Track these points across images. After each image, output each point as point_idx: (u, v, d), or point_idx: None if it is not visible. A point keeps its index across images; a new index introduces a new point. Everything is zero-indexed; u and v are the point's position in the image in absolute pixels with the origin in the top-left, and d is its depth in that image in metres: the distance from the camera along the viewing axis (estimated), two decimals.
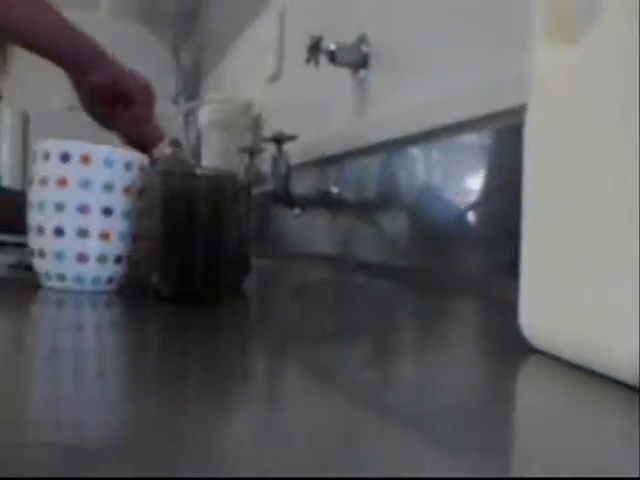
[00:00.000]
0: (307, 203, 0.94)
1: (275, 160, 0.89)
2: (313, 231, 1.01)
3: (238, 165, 1.34)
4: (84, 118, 2.07)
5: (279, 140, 0.88)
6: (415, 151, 0.75)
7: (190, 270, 0.45)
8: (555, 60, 0.27)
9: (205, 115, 1.41)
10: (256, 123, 1.39)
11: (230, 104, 1.39)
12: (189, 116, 1.74)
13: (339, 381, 0.25)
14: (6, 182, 1.75)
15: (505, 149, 0.61)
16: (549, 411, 0.22)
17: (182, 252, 0.45)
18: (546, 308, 0.27)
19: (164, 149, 0.68)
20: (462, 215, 0.66)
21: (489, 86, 0.64)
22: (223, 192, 0.46)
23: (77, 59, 0.59)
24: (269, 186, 0.90)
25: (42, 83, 0.87)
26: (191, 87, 2.32)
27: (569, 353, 0.26)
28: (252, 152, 1.06)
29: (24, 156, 2.22)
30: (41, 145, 0.44)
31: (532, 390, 0.25)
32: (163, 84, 2.28)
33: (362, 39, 0.85)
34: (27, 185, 0.46)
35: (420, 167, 0.74)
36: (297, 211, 1.03)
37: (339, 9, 1.01)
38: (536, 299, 0.28)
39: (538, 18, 0.28)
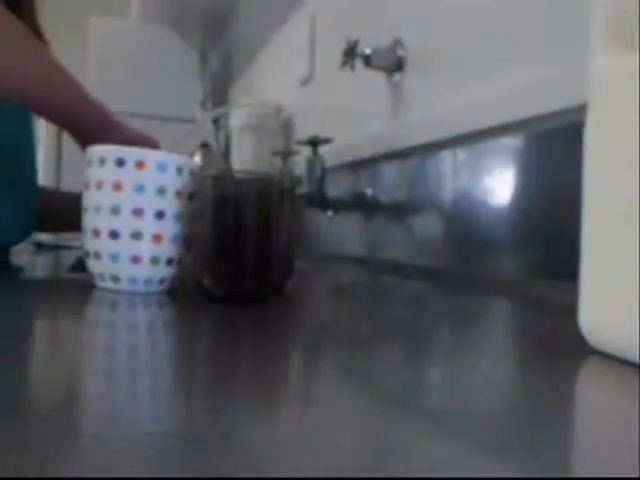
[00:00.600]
0: (341, 205, 0.95)
1: (310, 163, 0.90)
2: (346, 233, 1.02)
3: (268, 168, 1.35)
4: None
5: (315, 143, 0.89)
6: (449, 154, 0.75)
7: (240, 272, 0.46)
8: (615, 64, 0.27)
9: (236, 119, 1.42)
10: (287, 126, 1.40)
11: (261, 108, 1.40)
12: (219, 120, 1.76)
13: (390, 382, 0.26)
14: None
15: (538, 153, 0.61)
16: (610, 411, 0.22)
17: (232, 254, 0.46)
18: (607, 309, 0.27)
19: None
20: (495, 217, 0.66)
21: (524, 90, 0.64)
22: (272, 195, 0.47)
23: (87, 127, 0.62)
24: (303, 189, 0.91)
25: None
26: (219, 91, 2.35)
27: (630, 354, 0.26)
28: (285, 155, 1.07)
29: (57, 159, 2.27)
30: (97, 150, 0.46)
31: (593, 390, 0.26)
32: (191, 88, 2.31)
33: (397, 43, 0.85)
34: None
35: (454, 170, 0.74)
36: (330, 213, 1.04)
37: (371, 12, 1.01)
38: (597, 300, 0.28)
39: (598, 23, 0.28)
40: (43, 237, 1.24)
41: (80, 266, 0.72)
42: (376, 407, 0.22)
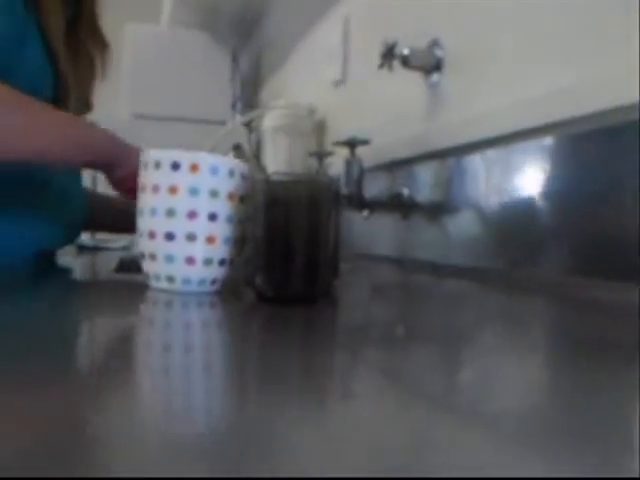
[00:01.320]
0: (377, 205, 0.95)
1: (348, 164, 0.90)
2: (381, 233, 1.02)
3: (301, 169, 1.36)
4: (148, 126, 2.11)
5: (353, 144, 0.89)
6: (487, 155, 0.75)
7: (291, 272, 0.47)
8: None
9: (269, 120, 1.44)
10: (320, 128, 1.41)
11: (294, 109, 1.42)
12: (251, 122, 1.78)
13: (438, 381, 0.26)
14: None
15: (577, 153, 0.60)
16: None
17: (283, 256, 0.47)
18: None
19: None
20: (532, 217, 0.66)
21: (563, 92, 0.64)
22: (321, 198, 0.48)
23: (105, 163, 0.68)
24: (341, 189, 0.92)
25: (108, 93, 0.92)
26: (249, 93, 2.37)
27: None
28: (321, 156, 1.08)
29: None
30: (152, 154, 0.47)
31: None
32: (222, 90, 2.34)
33: (435, 43, 0.85)
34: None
35: (492, 170, 0.74)
36: (365, 213, 1.04)
37: (406, 13, 1.01)
38: None
39: None
40: (83, 239, 1.27)
41: (126, 267, 0.75)
42: (426, 407, 0.22)
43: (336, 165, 1.11)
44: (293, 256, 0.46)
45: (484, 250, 0.75)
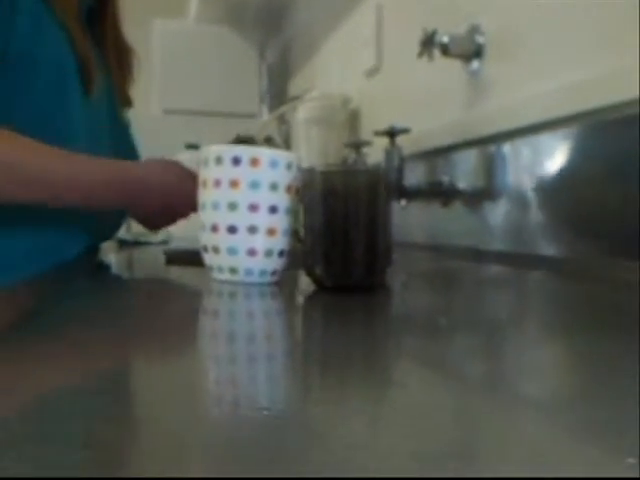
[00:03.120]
0: (417, 194, 0.96)
1: (388, 153, 0.91)
2: (419, 221, 1.03)
3: (336, 159, 1.37)
4: (178, 121, 2.13)
5: (392, 133, 0.90)
6: (528, 142, 0.74)
7: (350, 262, 0.48)
8: None
9: (302, 112, 1.44)
10: (354, 118, 1.41)
11: (327, 100, 1.42)
12: (282, 114, 1.79)
13: (500, 367, 0.27)
14: None
15: (621, 139, 0.60)
16: None
17: (342, 246, 0.48)
18: None
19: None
20: (573, 203, 0.65)
21: (606, 78, 0.63)
22: (379, 187, 0.49)
23: (127, 201, 0.71)
24: None
25: (140, 88, 0.94)
26: (278, 85, 2.38)
27: None
28: (358, 146, 1.08)
29: None
30: (213, 150, 0.49)
31: None
32: (250, 83, 2.35)
33: (475, 29, 0.85)
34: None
35: (533, 157, 0.74)
36: (403, 202, 1.04)
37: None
38: None
39: None
40: (122, 234, 1.30)
41: (176, 260, 0.76)
42: (485, 395, 0.23)
43: (372, 155, 1.11)
44: (353, 246, 0.47)
45: (528, 236, 0.75)
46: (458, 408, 0.21)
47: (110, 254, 0.93)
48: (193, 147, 1.89)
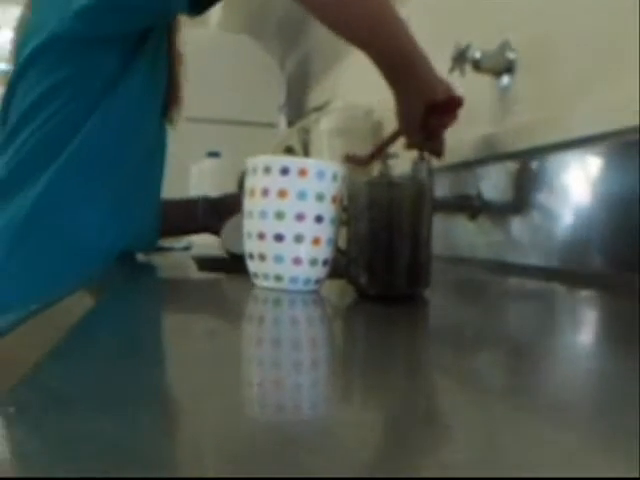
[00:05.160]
0: (445, 206, 0.96)
1: (416, 165, 0.92)
2: (447, 233, 1.03)
3: (358, 170, 1.38)
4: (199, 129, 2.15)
5: (421, 147, 0.91)
6: (557, 158, 0.75)
7: (394, 272, 0.49)
8: None
9: (326, 122, 1.46)
10: (377, 129, 1.42)
11: (351, 110, 1.43)
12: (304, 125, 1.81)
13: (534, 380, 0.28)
14: None
15: None
16: None
17: (387, 255, 0.49)
18: None
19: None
20: (600, 219, 0.66)
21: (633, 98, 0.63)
22: (422, 200, 0.50)
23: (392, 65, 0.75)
24: None
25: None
26: (297, 95, 2.40)
27: None
28: (384, 158, 1.09)
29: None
30: (262, 160, 0.50)
31: None
32: (270, 93, 2.38)
33: (506, 45, 0.86)
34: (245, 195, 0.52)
35: (562, 174, 0.74)
36: None
37: (467, 13, 1.02)
38: None
39: None
40: None
41: (207, 266, 0.77)
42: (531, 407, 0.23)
43: (398, 166, 1.12)
44: (397, 257, 0.48)
45: (557, 251, 0.76)
46: (496, 419, 0.21)
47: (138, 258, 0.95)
48: (214, 155, 1.92)
